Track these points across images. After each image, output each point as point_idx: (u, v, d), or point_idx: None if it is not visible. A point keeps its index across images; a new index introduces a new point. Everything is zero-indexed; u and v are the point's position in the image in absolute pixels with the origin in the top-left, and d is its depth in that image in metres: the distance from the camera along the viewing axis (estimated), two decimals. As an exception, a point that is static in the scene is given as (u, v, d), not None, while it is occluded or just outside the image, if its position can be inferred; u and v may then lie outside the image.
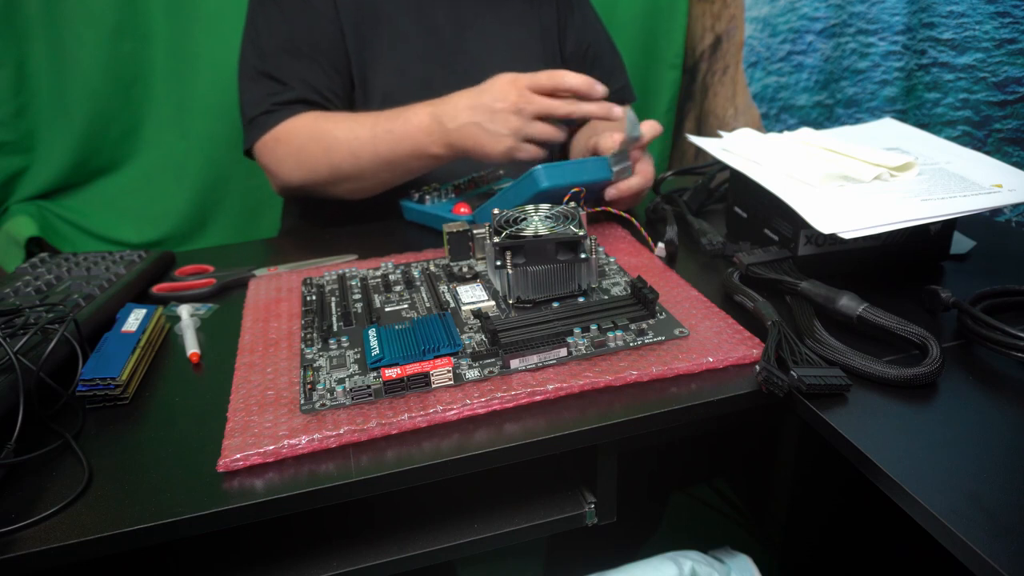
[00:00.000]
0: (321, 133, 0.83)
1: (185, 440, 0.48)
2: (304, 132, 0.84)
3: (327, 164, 0.83)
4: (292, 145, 0.84)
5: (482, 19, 0.96)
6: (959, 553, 0.35)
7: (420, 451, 0.45)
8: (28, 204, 1.19)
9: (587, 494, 0.52)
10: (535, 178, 0.70)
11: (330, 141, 0.82)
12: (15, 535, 0.40)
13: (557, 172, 0.70)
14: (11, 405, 0.46)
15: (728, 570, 0.57)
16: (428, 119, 0.77)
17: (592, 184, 0.74)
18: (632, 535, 0.88)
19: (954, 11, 0.87)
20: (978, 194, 0.59)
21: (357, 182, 0.84)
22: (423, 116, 0.78)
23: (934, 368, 0.47)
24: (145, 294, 0.71)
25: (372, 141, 0.80)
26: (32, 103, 1.16)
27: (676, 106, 1.54)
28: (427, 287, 0.65)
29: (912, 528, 0.39)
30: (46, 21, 1.12)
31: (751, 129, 0.78)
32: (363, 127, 0.81)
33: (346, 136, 0.81)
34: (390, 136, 0.79)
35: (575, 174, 0.71)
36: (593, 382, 0.49)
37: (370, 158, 0.81)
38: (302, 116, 0.85)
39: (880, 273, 0.65)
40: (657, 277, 0.65)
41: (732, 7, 1.35)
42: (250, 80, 0.89)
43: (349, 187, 0.86)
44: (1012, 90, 0.81)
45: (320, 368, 0.52)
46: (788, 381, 0.46)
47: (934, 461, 0.41)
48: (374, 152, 0.80)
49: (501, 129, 0.74)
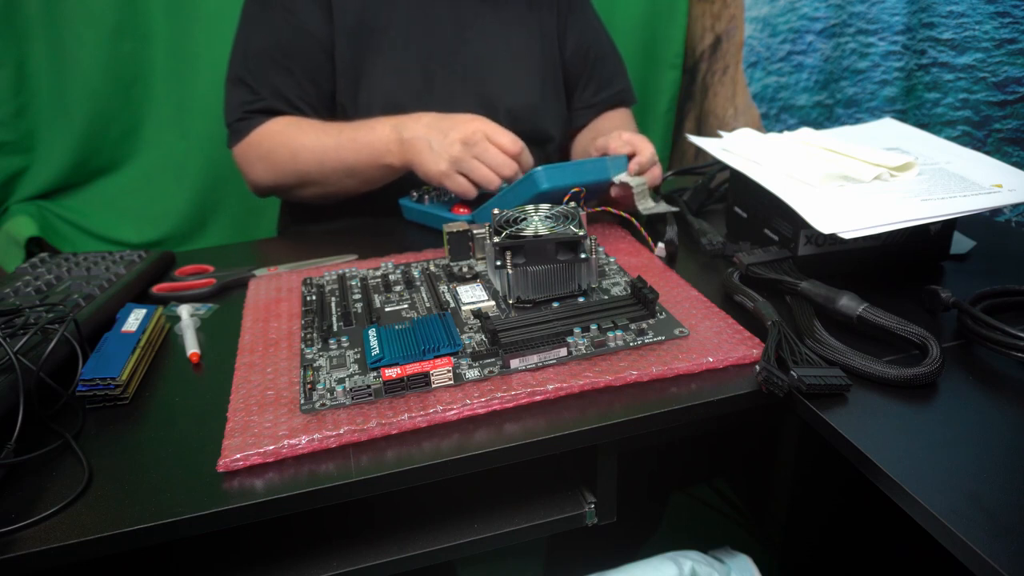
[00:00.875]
0: (289, 140, 0.87)
1: (185, 440, 0.48)
2: (274, 138, 0.88)
3: (293, 170, 0.87)
4: (262, 150, 0.89)
5: (482, 20, 0.96)
6: (959, 553, 0.35)
7: (420, 451, 0.45)
8: (28, 204, 1.20)
9: (587, 494, 0.52)
10: (535, 179, 0.70)
11: (297, 148, 0.86)
12: (15, 535, 0.40)
13: (557, 173, 0.71)
14: (11, 405, 0.46)
15: (728, 570, 0.57)
16: (390, 130, 0.81)
17: (592, 185, 0.74)
18: (632, 535, 0.88)
19: (954, 11, 0.87)
20: (978, 194, 0.59)
21: (322, 187, 0.88)
22: (386, 126, 0.82)
23: (934, 368, 0.47)
24: (145, 294, 0.71)
25: (336, 149, 0.84)
26: (32, 103, 1.16)
27: (676, 106, 1.54)
28: (427, 287, 0.65)
29: (912, 528, 0.39)
30: (46, 21, 1.12)
31: (751, 129, 0.78)
32: (329, 136, 0.85)
33: (312, 144, 0.85)
34: (353, 144, 0.83)
35: (575, 175, 0.72)
36: (593, 382, 0.49)
37: (333, 165, 0.85)
38: (273, 122, 0.89)
39: (880, 273, 0.65)
40: (657, 277, 0.65)
41: (732, 7, 1.35)
42: (231, 83, 0.92)
43: (314, 192, 0.90)
44: (1012, 90, 0.81)
45: (320, 368, 0.52)
46: (788, 381, 0.46)
47: (934, 461, 0.41)
48: (337, 159, 0.84)
49: (443, 152, 0.76)
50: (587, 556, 0.64)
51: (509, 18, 0.99)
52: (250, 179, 0.92)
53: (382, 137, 0.81)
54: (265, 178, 0.90)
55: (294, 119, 0.89)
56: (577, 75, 1.06)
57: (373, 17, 0.91)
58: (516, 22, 0.99)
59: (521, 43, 1.00)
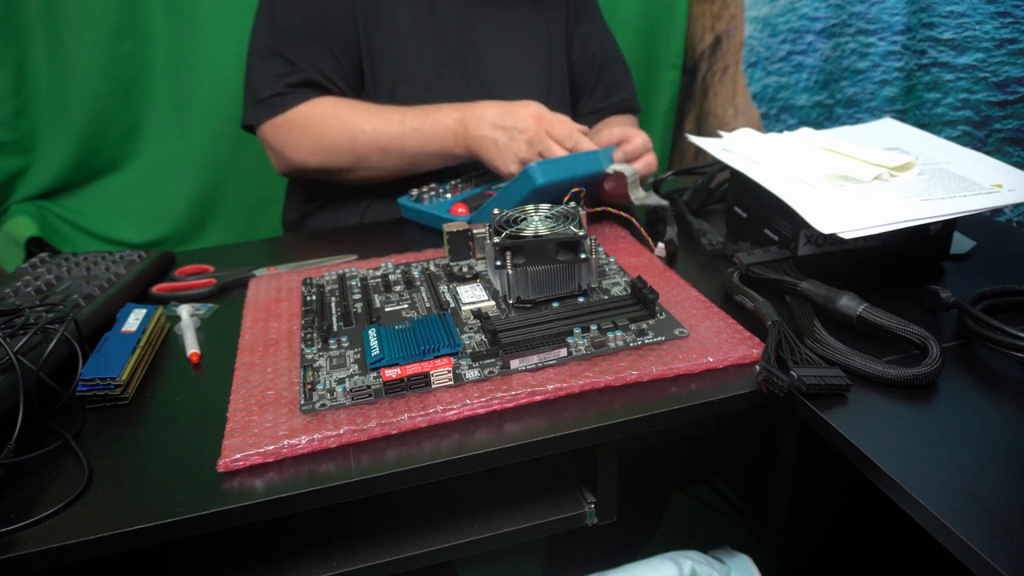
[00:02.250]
0: (345, 123, 0.87)
1: (185, 440, 0.48)
2: (326, 120, 0.88)
3: (351, 153, 0.87)
4: (311, 131, 0.88)
5: (487, 22, 0.97)
6: (959, 553, 0.35)
7: (420, 451, 0.45)
8: (28, 204, 1.19)
9: (587, 494, 0.52)
10: (530, 175, 0.72)
11: (357, 133, 0.86)
12: (15, 535, 0.40)
13: (551, 167, 0.73)
14: (11, 405, 0.46)
15: (728, 570, 0.57)
16: (455, 123, 0.84)
17: (588, 178, 0.75)
18: (632, 535, 0.88)
19: (954, 11, 0.87)
20: (978, 194, 0.59)
21: (377, 171, 0.90)
22: (450, 119, 0.84)
23: (934, 368, 0.47)
24: (145, 294, 0.71)
25: (400, 138, 0.85)
26: (32, 103, 1.16)
27: (676, 106, 1.54)
28: (427, 287, 0.65)
29: (912, 528, 0.39)
30: (46, 21, 1.12)
31: (751, 129, 0.78)
32: (391, 123, 0.86)
33: (374, 129, 0.86)
34: (419, 135, 0.85)
35: (568, 168, 0.74)
36: (593, 382, 0.49)
37: (397, 152, 0.86)
38: (319, 102, 0.88)
39: (880, 273, 0.65)
40: (657, 277, 0.65)
41: (732, 7, 1.35)
42: (260, 58, 0.91)
43: (366, 175, 0.91)
44: (1012, 90, 0.81)
45: (320, 368, 0.52)
46: (788, 381, 0.46)
47: (934, 461, 0.41)
48: (402, 147, 0.86)
49: (512, 152, 0.80)
50: (587, 556, 0.64)
51: (515, 19, 0.99)
52: (288, 159, 0.91)
53: (448, 129, 0.84)
54: (311, 159, 0.89)
55: (341, 101, 0.90)
56: (583, 81, 1.07)
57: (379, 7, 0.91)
58: (522, 23, 1.00)
59: (527, 43, 1.00)
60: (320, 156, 0.89)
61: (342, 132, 0.87)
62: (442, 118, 0.84)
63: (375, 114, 0.87)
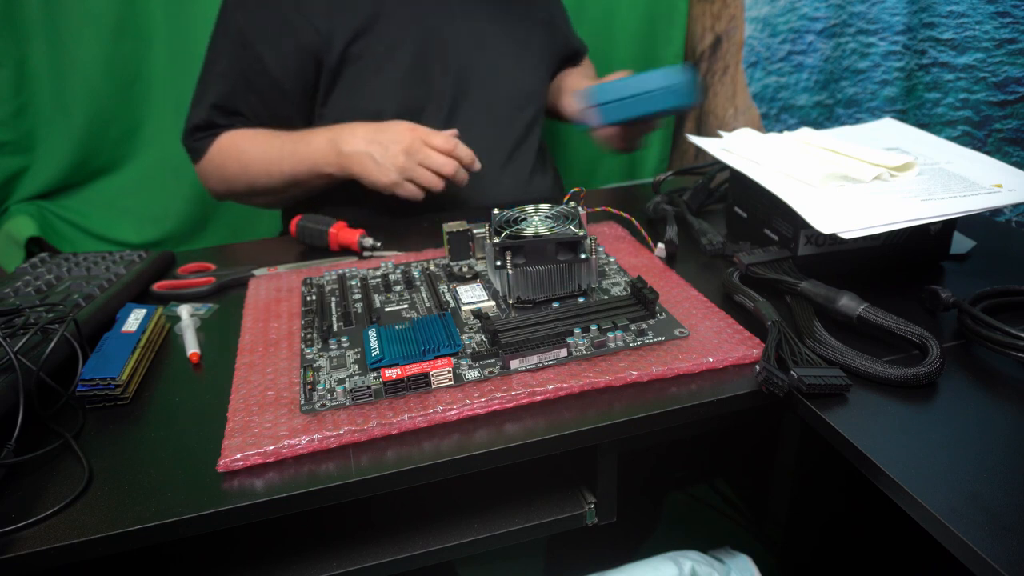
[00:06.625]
0: (241, 152, 0.92)
1: (185, 440, 0.48)
2: (226, 151, 0.93)
3: (246, 179, 0.92)
4: (216, 164, 0.94)
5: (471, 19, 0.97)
6: (959, 553, 0.35)
7: (420, 451, 0.45)
8: (28, 204, 1.19)
9: (587, 494, 0.52)
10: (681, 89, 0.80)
11: (247, 160, 0.91)
12: (15, 535, 0.40)
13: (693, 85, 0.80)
14: (11, 405, 0.46)
15: (728, 570, 0.57)
16: (325, 143, 0.86)
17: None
18: (632, 535, 0.88)
19: (954, 11, 0.87)
20: (978, 194, 0.59)
21: (271, 195, 0.94)
22: (322, 139, 0.86)
23: (934, 368, 0.47)
24: (145, 294, 0.71)
25: (279, 162, 0.89)
26: (32, 103, 1.16)
27: (676, 106, 1.54)
28: (427, 287, 0.65)
29: (912, 528, 0.39)
30: (46, 21, 1.12)
31: (751, 129, 0.78)
32: (272, 147, 0.90)
33: (261, 155, 0.90)
34: (294, 157, 0.88)
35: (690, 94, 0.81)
36: (593, 382, 0.49)
37: (279, 175, 0.90)
38: (224, 136, 0.92)
39: (880, 273, 0.65)
40: (657, 277, 0.65)
41: (732, 7, 1.34)
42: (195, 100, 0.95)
43: (264, 200, 0.97)
44: (1012, 90, 0.81)
45: (320, 368, 0.52)
46: (788, 381, 0.46)
47: (934, 461, 0.41)
48: (280, 171, 0.89)
49: (389, 164, 0.82)
50: (587, 556, 0.64)
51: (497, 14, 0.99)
52: (208, 190, 0.98)
53: (319, 149, 0.86)
54: (219, 188, 0.96)
55: (241, 132, 0.93)
56: None
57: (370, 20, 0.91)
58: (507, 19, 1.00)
59: (520, 42, 1.00)
60: (226, 185, 0.94)
61: (238, 161, 0.91)
62: (314, 139, 0.87)
63: (264, 141, 0.90)
